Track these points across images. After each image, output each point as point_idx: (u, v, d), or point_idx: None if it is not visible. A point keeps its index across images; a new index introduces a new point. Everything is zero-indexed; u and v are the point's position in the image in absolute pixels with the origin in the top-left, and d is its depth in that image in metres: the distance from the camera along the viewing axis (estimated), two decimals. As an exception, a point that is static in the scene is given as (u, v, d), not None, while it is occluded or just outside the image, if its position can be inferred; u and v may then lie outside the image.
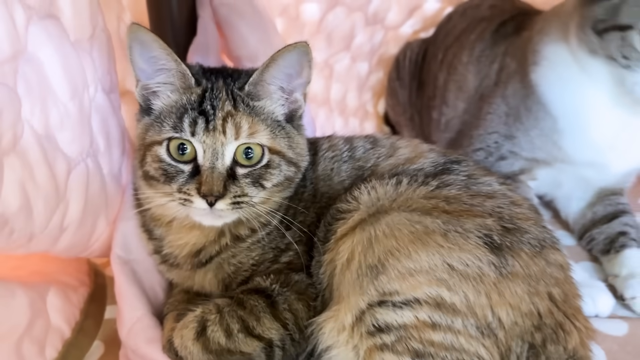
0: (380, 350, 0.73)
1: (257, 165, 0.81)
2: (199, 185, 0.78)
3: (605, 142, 1.09)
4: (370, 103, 1.78)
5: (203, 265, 0.88)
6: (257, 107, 0.83)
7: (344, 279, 0.77)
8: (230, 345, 0.78)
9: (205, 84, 0.83)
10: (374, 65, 1.74)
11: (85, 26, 0.82)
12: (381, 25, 1.65)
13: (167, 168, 0.81)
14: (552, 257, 0.78)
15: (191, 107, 0.80)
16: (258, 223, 0.84)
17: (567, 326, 0.76)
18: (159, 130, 0.81)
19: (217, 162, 0.79)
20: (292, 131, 0.86)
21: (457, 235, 0.75)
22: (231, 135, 0.79)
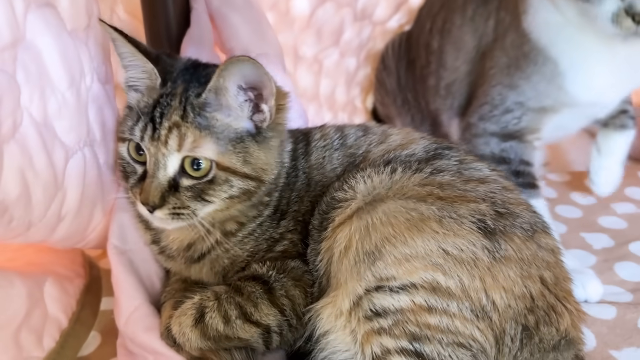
0: (377, 334, 0.74)
1: (202, 179, 0.79)
2: (140, 191, 0.79)
3: (604, 76, 1.10)
4: (359, 98, 1.79)
5: (197, 261, 0.89)
6: (210, 119, 0.79)
7: (341, 265, 0.78)
8: (228, 331, 0.79)
9: (167, 88, 0.81)
10: (362, 60, 1.75)
11: (81, 16, 0.83)
12: (369, 21, 1.66)
13: (125, 166, 0.83)
14: (543, 241, 0.80)
15: (146, 112, 0.79)
16: (245, 217, 0.85)
17: (559, 308, 0.78)
18: (123, 128, 0.82)
19: (158, 172, 0.78)
20: (251, 145, 0.81)
21: (451, 221, 0.76)
22: (173, 147, 0.78)
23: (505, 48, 1.18)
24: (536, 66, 1.12)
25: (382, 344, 0.74)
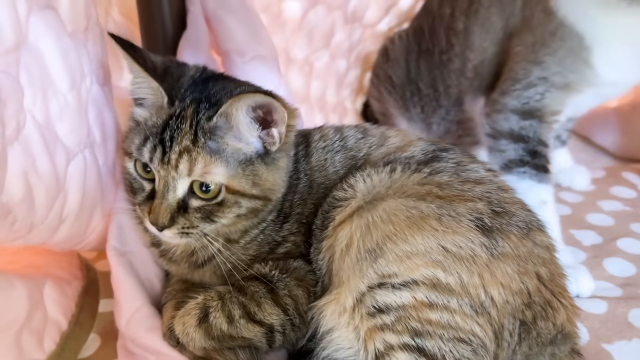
0: (380, 330, 0.75)
1: (211, 201, 0.80)
2: (149, 211, 0.79)
3: (629, 54, 1.10)
4: (349, 99, 1.81)
5: (200, 267, 0.89)
6: (221, 143, 0.79)
7: (343, 263, 0.79)
8: (232, 331, 0.79)
9: (175, 108, 0.80)
10: (352, 62, 1.77)
11: (80, 18, 0.83)
12: (359, 24, 1.68)
13: (132, 182, 0.83)
14: (538, 239, 0.82)
15: (154, 133, 0.79)
16: (249, 227, 0.86)
17: (555, 303, 0.80)
18: (130, 143, 0.82)
19: (167, 194, 0.79)
20: (260, 167, 0.82)
21: (450, 219, 0.78)
22: (184, 172, 0.78)
23: (532, 28, 1.18)
24: (562, 41, 1.12)
25: (385, 340, 0.75)
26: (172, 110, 0.80)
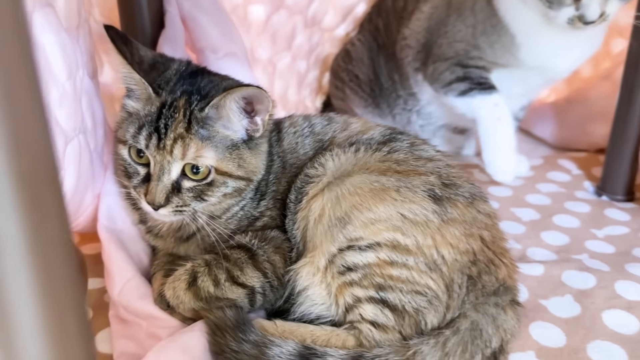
0: (349, 286, 0.87)
1: (202, 182, 0.89)
2: (146, 192, 0.88)
3: (548, 54, 1.38)
4: (309, 98, 1.92)
5: (186, 241, 0.99)
6: (212, 131, 0.89)
7: (316, 231, 0.90)
8: (218, 292, 0.89)
9: (165, 97, 0.88)
10: (311, 64, 1.88)
11: (73, 16, 0.91)
12: (318, 28, 1.79)
13: (127, 167, 0.92)
14: (481, 207, 0.95)
15: (149, 121, 0.87)
16: (224, 204, 0.95)
17: (497, 262, 0.93)
18: (125, 132, 0.90)
19: (163, 176, 0.87)
20: (245, 152, 0.92)
21: (407, 190, 0.90)
22: (178, 156, 0.87)
23: (475, 10, 1.42)
24: (499, 36, 1.38)
25: (353, 294, 0.87)
26: (162, 100, 0.88)
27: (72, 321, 0.41)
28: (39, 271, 0.38)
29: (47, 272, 0.38)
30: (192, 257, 0.94)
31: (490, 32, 1.40)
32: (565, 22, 1.25)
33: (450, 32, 1.46)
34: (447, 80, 1.47)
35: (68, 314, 0.41)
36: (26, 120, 0.36)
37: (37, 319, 0.38)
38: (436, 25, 1.51)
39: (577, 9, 1.23)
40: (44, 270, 0.38)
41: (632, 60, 1.42)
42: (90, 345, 0.43)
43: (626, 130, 1.46)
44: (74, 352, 0.41)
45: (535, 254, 1.20)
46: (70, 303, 0.41)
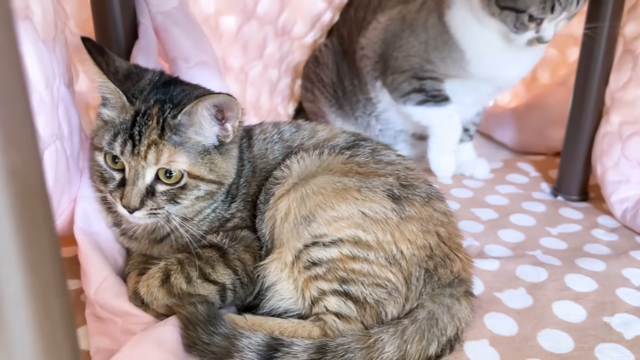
0: (314, 280, 0.93)
1: (175, 185, 0.94)
2: (121, 196, 0.93)
3: (498, 67, 1.52)
4: (281, 105, 1.98)
5: (159, 242, 1.03)
6: (184, 137, 0.93)
7: (283, 229, 0.96)
8: (190, 289, 0.94)
9: (139, 106, 0.93)
10: (283, 72, 1.94)
11: (50, 28, 0.96)
12: (288, 37, 1.85)
13: (103, 172, 0.96)
14: (437, 206, 1.02)
15: (124, 128, 0.92)
16: (197, 207, 1.00)
17: (452, 256, 1.00)
18: (100, 139, 0.94)
19: (137, 181, 0.92)
20: (216, 157, 0.97)
21: (367, 190, 0.96)
22: (152, 161, 0.91)
23: (427, 27, 1.53)
24: (449, 52, 1.51)
25: (318, 288, 0.92)
26: (136, 108, 0.93)
27: (58, 318, 0.44)
28: (30, 271, 0.41)
29: (37, 272, 0.42)
30: (165, 256, 0.99)
31: (441, 48, 1.51)
32: (525, 43, 1.41)
33: (405, 47, 1.57)
34: (405, 91, 1.59)
35: (55, 312, 0.44)
36: (17, 125, 0.41)
37: (27, 317, 0.41)
38: (392, 38, 1.61)
39: (537, 32, 1.39)
40: (35, 270, 0.42)
41: (582, 68, 1.52)
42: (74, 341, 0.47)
43: (579, 134, 1.55)
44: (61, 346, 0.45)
45: (492, 251, 1.28)
46: (57, 301, 0.44)
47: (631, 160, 1.45)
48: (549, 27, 1.38)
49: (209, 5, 1.48)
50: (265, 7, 1.64)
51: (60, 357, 0.45)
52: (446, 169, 1.65)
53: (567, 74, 1.92)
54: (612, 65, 1.48)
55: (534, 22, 1.37)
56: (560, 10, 1.35)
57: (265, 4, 1.63)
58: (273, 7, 1.67)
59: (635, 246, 1.32)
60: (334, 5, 1.87)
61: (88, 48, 0.92)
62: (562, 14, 1.36)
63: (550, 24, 1.38)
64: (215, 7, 1.50)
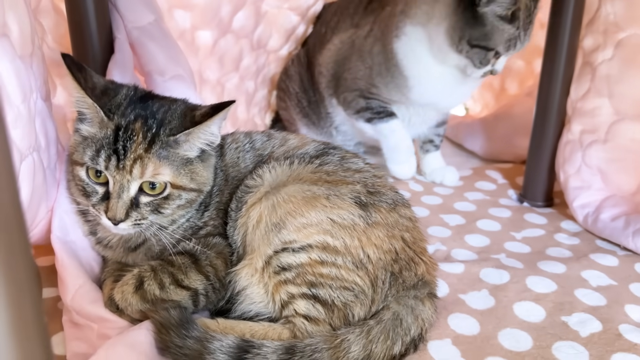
0: (284, 284, 0.97)
1: (158, 196, 0.97)
2: (106, 209, 0.96)
3: (439, 96, 1.64)
4: (258, 116, 2.03)
5: (134, 250, 1.06)
6: (171, 152, 0.96)
7: (255, 236, 1.00)
8: (164, 295, 0.97)
9: (118, 121, 0.95)
10: (259, 84, 1.98)
11: (27, 44, 0.99)
12: (264, 50, 1.90)
13: (85, 187, 0.98)
14: (403, 212, 1.07)
15: (107, 143, 0.94)
16: (176, 215, 1.03)
17: (417, 259, 1.05)
18: (82, 154, 0.96)
19: (122, 194, 0.94)
20: (197, 165, 1.01)
21: (335, 198, 1.00)
22: (137, 175, 0.94)
23: (372, 53, 1.63)
24: (392, 77, 1.60)
25: (288, 292, 0.96)
26: (116, 123, 0.95)
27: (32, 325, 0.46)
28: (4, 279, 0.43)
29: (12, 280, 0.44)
30: (139, 264, 1.02)
31: (384, 74, 1.62)
32: (481, 75, 1.55)
33: (353, 70, 1.68)
34: (355, 109, 1.71)
35: (29, 318, 0.46)
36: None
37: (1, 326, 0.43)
38: (342, 60, 1.73)
39: (492, 66, 1.53)
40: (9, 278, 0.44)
41: (545, 79, 1.59)
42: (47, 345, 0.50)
43: (542, 142, 1.62)
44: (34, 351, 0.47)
45: (458, 255, 1.33)
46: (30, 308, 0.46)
47: (591, 167, 1.51)
48: (503, 60, 1.54)
49: (184, 20, 1.53)
50: (240, 22, 1.69)
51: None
52: (403, 175, 1.79)
53: (533, 85, 1.98)
54: (573, 76, 1.55)
55: (496, 57, 1.51)
56: (519, 47, 1.49)
57: (240, 18, 1.68)
58: (248, 22, 1.72)
59: (595, 249, 1.39)
60: (307, 18, 1.93)
61: (68, 64, 0.95)
62: (519, 48, 1.50)
63: (505, 57, 1.53)
64: (191, 22, 1.54)
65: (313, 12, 1.93)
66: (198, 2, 1.50)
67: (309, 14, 1.92)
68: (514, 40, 1.47)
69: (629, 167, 1.46)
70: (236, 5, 1.61)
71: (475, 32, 1.47)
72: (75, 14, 1.19)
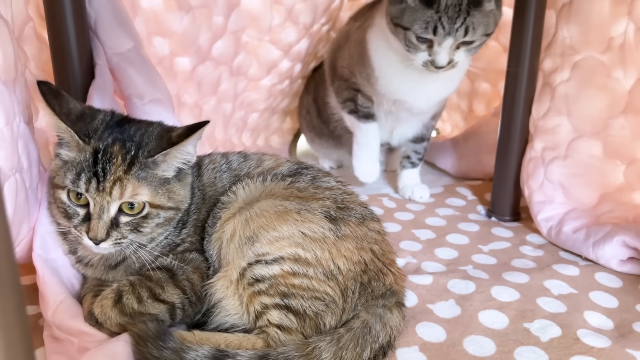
0: (258, 295, 1.01)
1: (137, 215, 1.00)
2: (87, 229, 0.99)
3: (402, 90, 1.69)
4: (236, 136, 2.08)
5: (114, 268, 1.10)
6: (150, 173, 1.00)
7: (229, 249, 1.05)
8: (142, 308, 1.01)
9: (96, 144, 0.98)
10: (237, 106, 2.02)
11: (10, 70, 1.04)
12: (244, 77, 1.93)
13: (66, 209, 1.02)
14: (372, 226, 1.12)
15: (87, 166, 0.97)
16: (154, 234, 1.07)
17: (385, 270, 1.10)
18: (62, 178, 0.99)
19: (103, 215, 0.98)
20: (175, 184, 1.04)
21: (306, 212, 1.05)
22: (116, 196, 0.97)
23: (355, 42, 1.75)
24: (364, 67, 1.71)
25: (261, 302, 1.01)
26: (94, 147, 0.99)
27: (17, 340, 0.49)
28: None
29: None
30: (118, 279, 1.06)
31: (360, 63, 1.70)
32: (422, 64, 1.54)
33: (341, 58, 1.78)
34: (343, 98, 1.81)
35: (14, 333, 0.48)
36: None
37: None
38: (337, 49, 1.84)
39: (430, 55, 1.51)
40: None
41: (508, 100, 1.67)
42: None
43: (507, 160, 1.70)
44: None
45: (428, 267, 1.39)
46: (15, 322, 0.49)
47: (553, 182, 1.59)
48: (441, 51, 1.49)
49: (163, 47, 1.58)
50: (220, 50, 1.73)
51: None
52: (365, 174, 1.86)
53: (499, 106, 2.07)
54: (534, 96, 1.64)
55: (424, 43, 1.50)
56: (443, 34, 1.46)
57: (220, 47, 1.72)
58: (228, 50, 1.76)
59: (558, 260, 1.46)
60: (292, 55, 1.97)
61: (42, 91, 0.99)
62: (446, 38, 1.47)
63: (441, 48, 1.49)
64: (169, 49, 1.60)
65: (298, 51, 1.98)
66: (177, 30, 1.56)
67: (293, 51, 1.95)
68: (432, 24, 1.45)
69: (589, 181, 1.54)
70: (215, 34, 1.67)
71: (394, 9, 1.52)
72: (57, 42, 1.25)
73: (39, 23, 1.29)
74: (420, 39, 1.49)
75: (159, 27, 1.53)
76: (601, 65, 1.46)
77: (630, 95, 1.42)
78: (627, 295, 1.29)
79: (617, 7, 1.42)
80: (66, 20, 1.23)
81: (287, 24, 1.85)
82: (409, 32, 1.49)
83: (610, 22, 1.43)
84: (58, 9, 1.22)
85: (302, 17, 1.84)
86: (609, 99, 1.46)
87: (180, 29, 1.55)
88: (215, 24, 1.64)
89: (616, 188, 1.50)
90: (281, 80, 2.07)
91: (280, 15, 1.81)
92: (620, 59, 1.42)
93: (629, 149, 1.45)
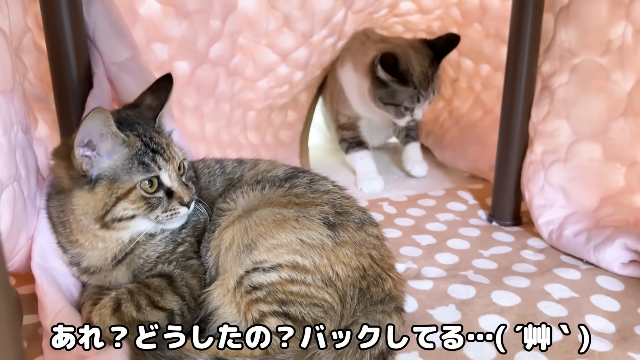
0: (256, 303, 1.01)
1: (186, 173, 1.11)
2: (180, 199, 1.05)
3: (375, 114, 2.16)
4: (241, 135, 2.07)
5: (120, 262, 1.10)
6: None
7: (227, 257, 1.05)
8: (140, 316, 1.01)
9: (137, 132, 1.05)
10: (234, 105, 2.00)
11: (8, 80, 1.04)
12: (241, 77, 1.93)
13: (149, 201, 1.03)
14: (370, 231, 1.12)
15: (144, 151, 1.03)
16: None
17: (384, 276, 1.10)
18: (127, 179, 1.01)
19: (180, 177, 1.07)
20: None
21: (305, 219, 1.05)
22: (179, 154, 1.09)
23: (339, 74, 2.21)
24: (339, 95, 2.21)
25: (259, 310, 1.01)
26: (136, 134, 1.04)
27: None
28: None
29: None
30: (116, 287, 1.06)
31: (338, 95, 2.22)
32: (406, 123, 2.05)
33: (329, 91, 2.20)
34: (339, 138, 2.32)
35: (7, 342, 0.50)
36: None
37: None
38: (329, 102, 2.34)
39: (412, 116, 2.02)
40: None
41: (507, 104, 1.67)
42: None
43: (508, 164, 1.69)
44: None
45: (428, 272, 1.38)
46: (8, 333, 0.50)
47: (554, 186, 1.59)
48: (419, 111, 2.02)
49: (163, 52, 1.59)
50: (217, 52, 1.74)
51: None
52: (371, 189, 2.09)
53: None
54: (533, 100, 1.64)
55: (408, 110, 1.99)
56: (423, 100, 1.98)
57: (217, 49, 1.73)
58: (225, 52, 1.77)
59: (559, 264, 1.45)
60: (291, 61, 1.96)
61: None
62: (425, 102, 1.99)
63: (419, 109, 2.01)
64: (169, 54, 1.60)
65: (297, 58, 1.97)
66: (175, 35, 1.56)
67: (291, 57, 1.95)
68: (415, 96, 1.95)
69: (589, 185, 1.54)
70: (212, 37, 1.68)
71: (381, 92, 1.97)
72: (55, 52, 1.26)
73: (38, 33, 1.29)
74: (407, 109, 1.98)
75: (158, 33, 1.53)
76: (600, 68, 1.46)
77: (630, 97, 1.41)
78: (629, 298, 1.28)
79: (614, 10, 1.41)
80: (64, 30, 1.24)
81: (284, 30, 1.85)
82: (400, 107, 1.98)
83: (608, 24, 1.43)
84: (56, 19, 1.23)
85: (299, 25, 1.84)
86: (608, 102, 1.46)
87: (179, 34, 1.56)
88: (212, 28, 1.65)
89: (617, 191, 1.49)
90: (279, 84, 2.07)
91: (277, 20, 1.81)
92: (619, 61, 1.42)
93: (629, 151, 1.44)
